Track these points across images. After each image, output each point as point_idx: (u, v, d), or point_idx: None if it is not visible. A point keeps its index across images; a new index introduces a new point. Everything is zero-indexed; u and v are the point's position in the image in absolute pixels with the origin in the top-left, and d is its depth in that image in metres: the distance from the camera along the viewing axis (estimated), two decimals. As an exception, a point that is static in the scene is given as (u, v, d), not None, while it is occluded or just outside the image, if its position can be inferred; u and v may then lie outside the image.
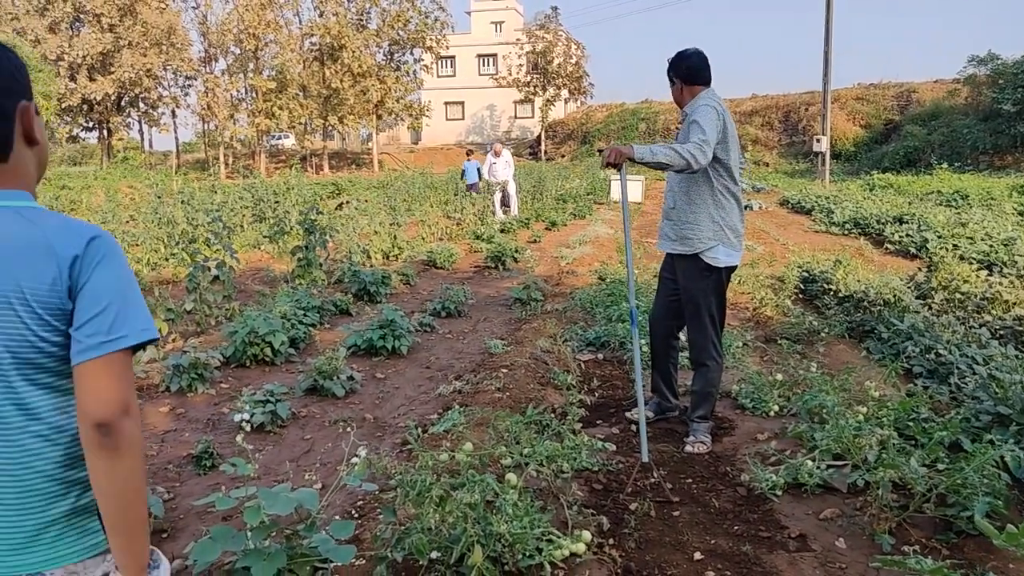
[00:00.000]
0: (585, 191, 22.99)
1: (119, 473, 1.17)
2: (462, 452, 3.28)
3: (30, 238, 1.18)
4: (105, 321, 1.18)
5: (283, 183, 17.21)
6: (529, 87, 45.27)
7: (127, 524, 1.20)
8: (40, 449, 1.19)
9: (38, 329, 1.17)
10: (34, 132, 1.29)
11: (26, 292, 1.16)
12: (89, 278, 1.19)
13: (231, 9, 43.01)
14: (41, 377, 1.20)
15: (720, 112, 3.72)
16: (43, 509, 1.19)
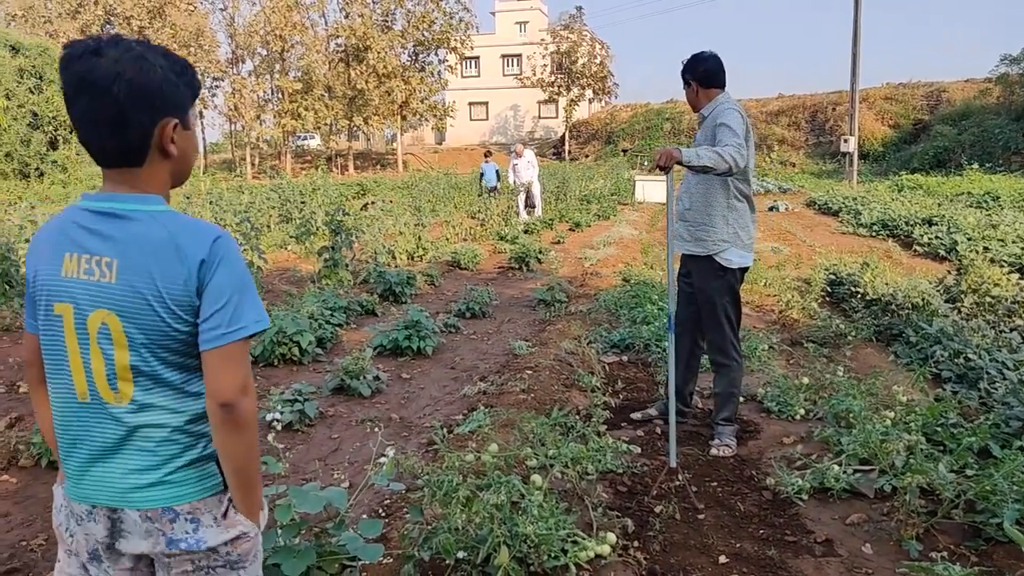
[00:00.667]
0: (609, 192, 22.94)
1: (239, 443, 1.41)
2: (488, 453, 3.31)
3: (163, 241, 1.36)
4: (226, 315, 1.37)
5: (309, 184, 17.36)
6: (553, 87, 45.22)
7: (244, 480, 1.46)
8: (175, 408, 1.43)
9: (171, 321, 1.37)
10: (167, 147, 1.42)
11: (161, 290, 1.35)
12: (212, 277, 1.37)
13: (258, 11, 43.51)
14: (172, 357, 1.40)
15: (744, 118, 3.75)
16: (172, 456, 1.43)
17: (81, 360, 1.40)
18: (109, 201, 1.40)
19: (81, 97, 1.36)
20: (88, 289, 1.37)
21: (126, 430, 1.42)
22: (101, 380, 1.40)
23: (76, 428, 1.44)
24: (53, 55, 28.75)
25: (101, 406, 1.42)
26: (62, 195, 25.52)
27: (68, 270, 1.39)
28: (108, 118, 1.36)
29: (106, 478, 1.43)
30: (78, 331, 1.39)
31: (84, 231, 1.39)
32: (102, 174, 1.46)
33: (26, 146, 27.60)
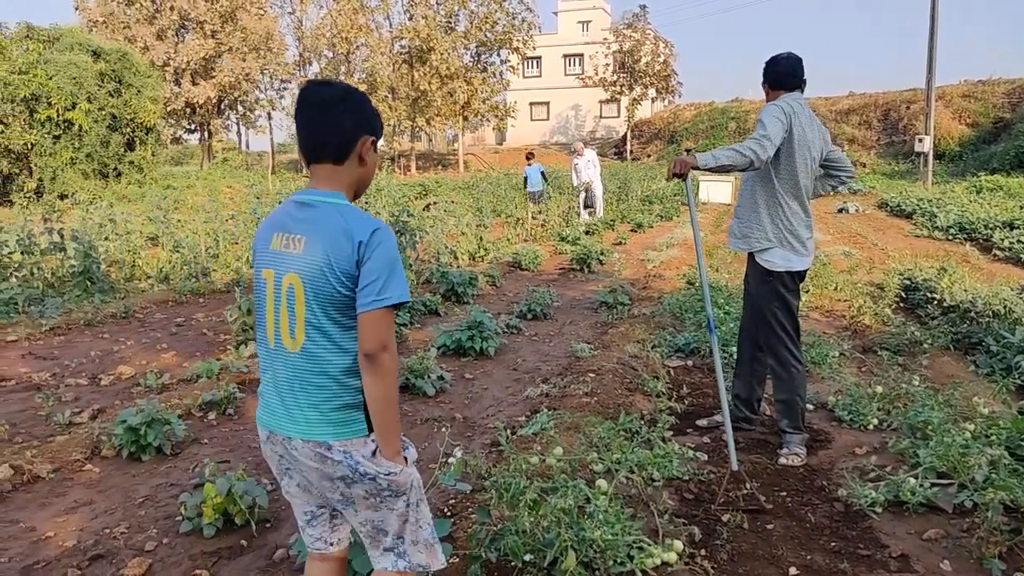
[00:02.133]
0: (672, 192, 22.64)
1: (378, 388, 1.77)
2: (553, 456, 3.32)
3: (337, 225, 1.78)
4: (376, 287, 1.73)
5: (373, 184, 17.63)
6: (615, 86, 44.92)
7: (385, 421, 1.80)
8: (332, 359, 1.80)
9: (337, 285, 1.76)
10: (364, 155, 1.90)
11: (332, 261, 1.75)
12: (369, 257, 1.75)
13: (324, 14, 44.50)
14: (335, 315, 1.78)
15: (787, 114, 3.65)
16: (327, 399, 1.80)
17: (274, 314, 1.84)
18: (308, 194, 1.87)
19: (313, 110, 1.85)
20: (284, 259, 1.82)
21: (296, 373, 1.82)
22: (284, 330, 1.82)
23: (269, 370, 1.89)
24: (131, 59, 29.98)
25: (282, 351, 1.84)
26: (138, 194, 26.56)
27: (275, 244, 1.86)
28: (329, 125, 1.85)
29: (279, 412, 1.85)
30: (275, 291, 1.83)
31: (289, 216, 1.86)
32: (309, 171, 1.92)
33: (105, 147, 28.83)
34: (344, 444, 1.80)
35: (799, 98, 3.82)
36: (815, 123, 3.83)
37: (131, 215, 13.97)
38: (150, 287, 9.67)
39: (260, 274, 1.88)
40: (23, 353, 6.36)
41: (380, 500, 1.84)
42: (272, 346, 1.86)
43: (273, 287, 1.83)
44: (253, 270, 1.94)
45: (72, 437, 4.21)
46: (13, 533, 3.25)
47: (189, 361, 6.07)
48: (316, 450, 1.80)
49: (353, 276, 1.75)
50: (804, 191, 3.80)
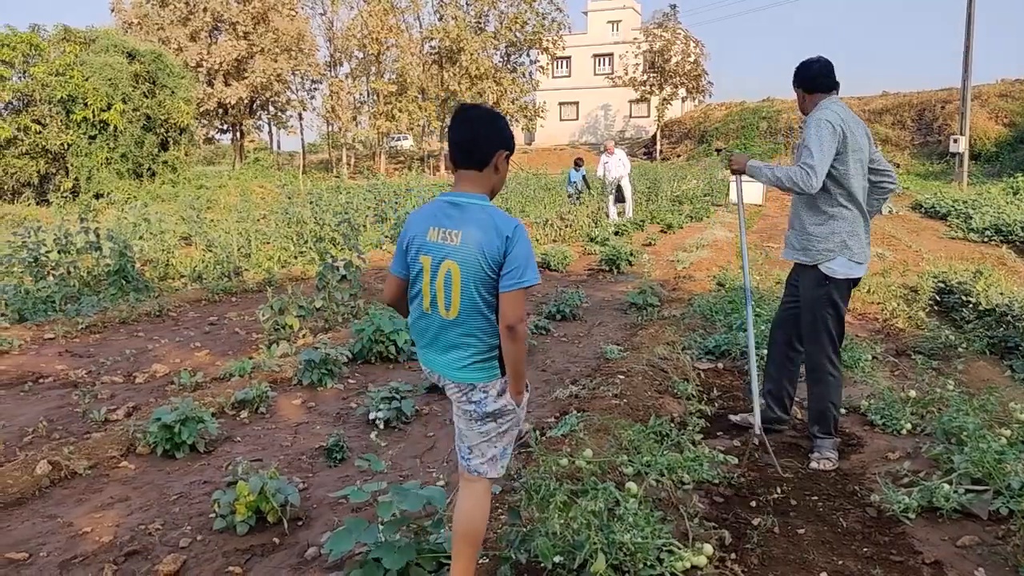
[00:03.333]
0: (702, 192, 22.46)
1: (515, 350, 2.29)
2: (582, 459, 3.32)
3: (488, 222, 2.26)
4: (517, 273, 2.21)
5: (403, 184, 17.74)
6: (645, 86, 44.69)
7: (515, 373, 2.35)
8: (478, 325, 2.30)
9: (487, 270, 2.24)
10: (499, 167, 2.38)
11: (485, 252, 2.22)
12: (513, 248, 2.22)
13: (355, 15, 44.85)
14: (484, 293, 2.27)
15: (836, 125, 3.61)
16: (473, 353, 2.33)
17: (430, 288, 2.33)
18: (457, 196, 2.33)
19: (464, 126, 2.36)
20: (442, 248, 2.29)
21: (450, 334, 2.34)
22: (441, 302, 2.32)
23: (422, 327, 2.42)
24: (165, 60, 30.48)
25: (437, 317, 2.34)
26: (171, 194, 27.01)
27: (431, 237, 2.31)
28: (475, 137, 2.34)
29: (436, 359, 2.40)
30: (432, 273, 2.31)
31: (443, 214, 2.32)
32: (456, 175, 2.39)
33: (140, 147, 29.36)
34: (482, 386, 2.36)
35: (837, 100, 3.79)
36: (860, 123, 3.79)
37: (165, 215, 14.22)
38: (183, 286, 9.83)
39: (418, 259, 2.36)
40: (60, 351, 6.50)
41: (487, 423, 2.40)
42: (428, 312, 2.36)
43: (430, 269, 2.32)
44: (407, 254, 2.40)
45: (108, 434, 4.30)
46: (52, 528, 3.32)
47: (222, 360, 6.17)
48: (461, 388, 2.38)
49: (500, 263, 2.23)
50: (860, 193, 3.75)
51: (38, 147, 27.71)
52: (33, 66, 27.61)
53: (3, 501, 3.53)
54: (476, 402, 2.36)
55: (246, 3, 40.84)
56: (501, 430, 2.42)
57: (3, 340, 6.42)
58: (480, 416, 2.38)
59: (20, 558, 3.06)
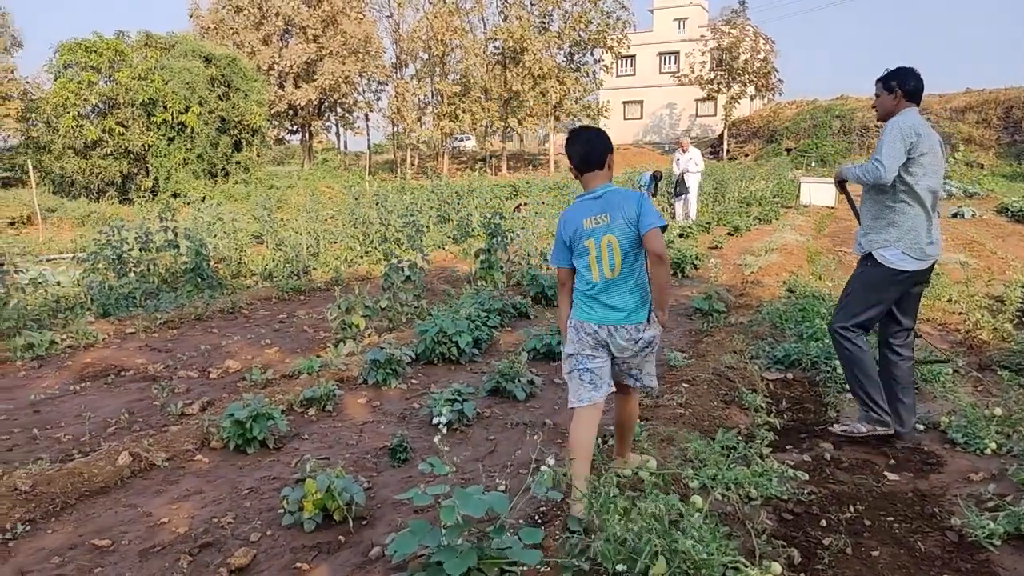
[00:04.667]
0: (771, 193, 21.89)
1: (663, 273, 3.18)
2: (646, 469, 3.27)
3: (621, 198, 3.18)
4: (649, 219, 3.12)
5: (466, 185, 17.86)
6: (712, 84, 43.89)
7: (664, 294, 3.22)
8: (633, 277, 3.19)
9: (631, 231, 3.14)
10: (611, 165, 3.30)
11: (627, 218, 3.13)
12: (642, 207, 3.15)
13: (421, 17, 45.39)
14: (633, 248, 3.17)
15: (910, 131, 3.87)
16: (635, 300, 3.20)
17: (597, 260, 3.18)
18: (594, 192, 3.24)
19: (582, 142, 3.30)
20: (599, 229, 3.17)
21: (616, 289, 3.18)
22: (606, 267, 3.17)
23: (593, 294, 3.21)
24: (239, 64, 31.45)
25: (603, 280, 3.19)
26: (243, 194, 27.87)
27: (587, 225, 3.19)
28: (593, 148, 3.27)
29: (609, 314, 3.19)
30: (597, 249, 3.17)
31: (588, 208, 3.22)
32: (583, 178, 3.29)
33: (214, 148, 30.38)
34: (644, 324, 3.21)
35: (917, 111, 4.04)
36: (934, 134, 4.01)
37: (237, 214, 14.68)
38: (255, 284, 10.12)
39: (583, 244, 3.19)
40: (140, 345, 6.78)
41: (646, 350, 3.28)
42: (597, 280, 3.19)
43: (595, 247, 3.17)
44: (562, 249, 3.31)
45: (184, 428, 4.46)
46: (132, 517, 3.46)
47: (291, 357, 6.32)
48: (629, 330, 3.19)
49: (637, 219, 3.12)
50: (927, 196, 3.94)
51: (121, 148, 28.95)
52: (118, 71, 28.85)
53: (89, 490, 3.70)
54: (647, 337, 3.22)
55: (316, 7, 41.80)
56: (654, 351, 3.33)
57: (89, 334, 6.73)
58: (646, 344, 3.24)
59: (104, 545, 3.20)
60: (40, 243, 17.01)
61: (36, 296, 8.12)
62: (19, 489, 3.55)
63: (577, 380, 3.26)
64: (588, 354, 3.23)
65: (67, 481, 3.70)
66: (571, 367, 3.30)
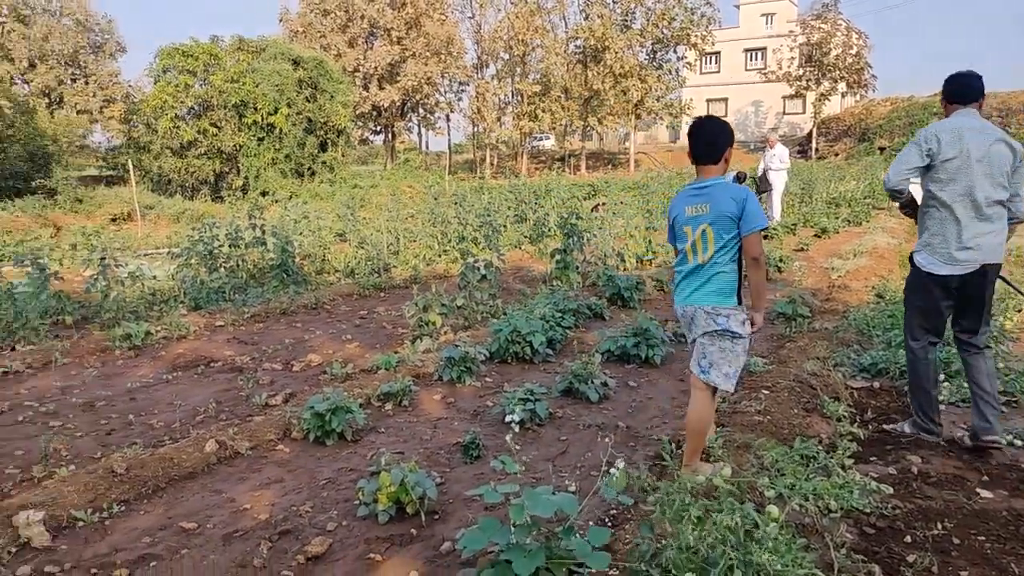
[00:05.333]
0: (862, 194, 21.00)
1: (759, 276, 3.32)
2: (720, 477, 3.20)
3: (728, 194, 3.31)
4: (751, 220, 3.24)
5: (543, 185, 17.86)
6: (801, 81, 42.51)
7: (760, 292, 3.36)
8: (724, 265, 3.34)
9: (731, 224, 3.30)
10: (728, 159, 3.43)
11: (725, 212, 3.26)
12: (745, 206, 3.25)
13: (502, 17, 45.68)
14: (729, 239, 3.31)
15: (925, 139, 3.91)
16: (721, 284, 3.35)
17: (692, 247, 3.38)
18: (701, 183, 3.40)
19: (701, 130, 3.43)
20: (698, 218, 3.35)
21: (707, 274, 3.36)
22: (700, 252, 3.36)
23: (689, 275, 3.44)
24: (326, 66, 32.41)
25: (696, 263, 3.38)
26: (328, 193, 28.71)
27: (689, 212, 3.39)
28: (714, 141, 3.40)
29: (693, 294, 3.40)
30: (693, 235, 3.36)
31: (692, 196, 3.41)
32: (698, 169, 3.44)
33: (301, 149, 31.41)
34: (725, 310, 3.33)
35: (967, 113, 3.99)
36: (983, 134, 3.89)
37: (322, 212, 15.14)
38: (337, 280, 10.42)
39: (682, 230, 3.43)
40: (228, 338, 7.08)
41: (720, 340, 3.35)
42: (691, 264, 3.41)
43: (691, 233, 3.37)
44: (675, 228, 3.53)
45: (267, 418, 4.63)
46: (217, 502, 3.62)
47: (370, 352, 6.48)
48: (708, 312, 3.35)
49: (738, 217, 3.25)
50: (958, 201, 3.89)
51: (214, 148, 30.30)
52: (212, 74, 30.20)
53: (178, 474, 3.90)
54: (719, 323, 3.32)
55: (400, 9, 42.66)
56: (735, 350, 3.34)
57: (182, 326, 7.07)
58: (722, 333, 3.32)
59: (190, 528, 3.37)
60: (138, 239, 17.97)
61: (134, 289, 8.59)
62: (115, 471, 3.77)
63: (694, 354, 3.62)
64: (687, 336, 3.58)
65: (159, 465, 3.91)
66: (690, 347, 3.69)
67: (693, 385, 3.46)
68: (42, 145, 28.16)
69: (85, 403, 5.24)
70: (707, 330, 3.35)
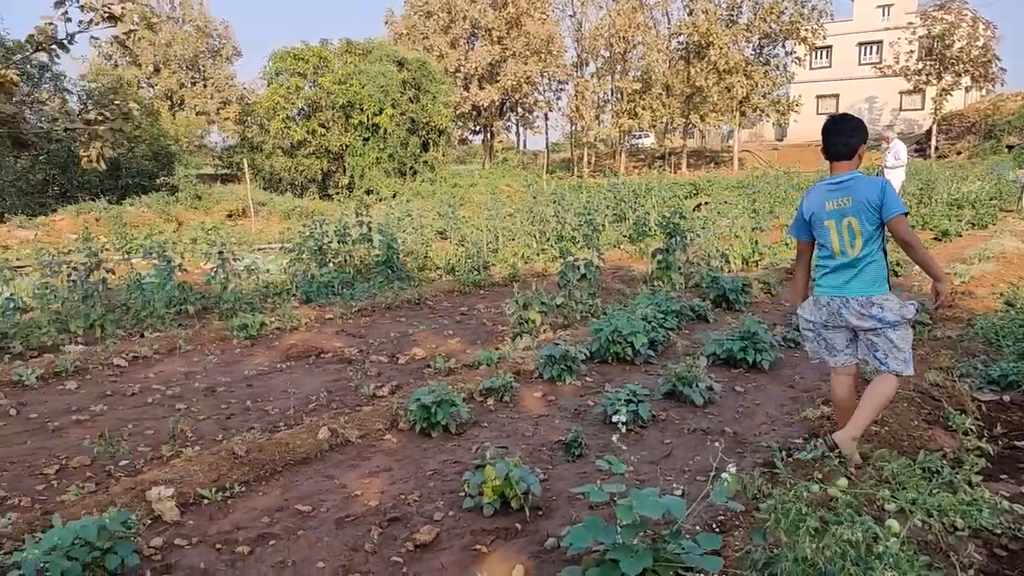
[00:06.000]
0: (987, 195, 19.65)
1: (917, 253, 3.52)
2: (835, 487, 3.08)
3: (868, 185, 3.50)
4: (891, 207, 3.43)
5: (643, 183, 17.63)
6: (920, 75, 40.16)
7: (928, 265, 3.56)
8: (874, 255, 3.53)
9: (872, 214, 3.47)
10: (862, 156, 3.63)
11: (869, 202, 3.46)
12: (885, 195, 3.46)
13: (604, 15, 45.36)
14: (873, 230, 3.50)
15: None
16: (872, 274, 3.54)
17: (838, 240, 3.55)
18: (838, 177, 3.60)
19: (836, 128, 3.62)
20: (841, 211, 3.53)
21: (857, 265, 3.52)
22: (847, 245, 3.53)
23: (837, 268, 3.58)
24: (429, 67, 33.12)
25: (845, 257, 3.54)
26: (429, 192, 29.33)
27: (828, 207, 3.57)
28: (848, 139, 3.59)
29: (845, 286, 3.56)
30: (838, 229, 3.54)
31: (830, 191, 3.59)
32: (832, 165, 3.64)
33: (404, 148, 32.23)
34: (879, 299, 3.48)
35: None
36: None
37: (424, 211, 15.48)
38: (438, 277, 10.64)
39: (824, 224, 3.58)
40: (337, 330, 7.35)
41: (887, 331, 3.49)
42: (838, 256, 3.56)
43: (835, 227, 3.54)
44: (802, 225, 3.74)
45: (375, 408, 4.78)
46: (330, 488, 3.78)
47: (471, 348, 6.58)
48: (862, 303, 3.50)
49: (879, 207, 3.42)
50: None
51: (322, 148, 31.52)
52: (321, 76, 31.41)
53: (293, 459, 4.08)
54: (875, 314, 3.46)
55: (502, 9, 43.06)
56: (900, 335, 3.49)
57: (294, 317, 7.40)
58: (883, 324, 3.46)
59: (305, 510, 3.52)
60: (252, 234, 18.91)
61: (249, 282, 9.06)
62: (236, 454, 3.99)
63: (815, 343, 3.81)
64: (822, 323, 3.69)
65: (275, 450, 4.11)
66: (809, 333, 3.83)
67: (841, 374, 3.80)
68: (165, 145, 30.10)
69: (207, 388, 5.56)
70: (864, 327, 3.53)
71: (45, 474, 4.04)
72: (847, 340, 3.69)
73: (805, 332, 3.86)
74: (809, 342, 3.86)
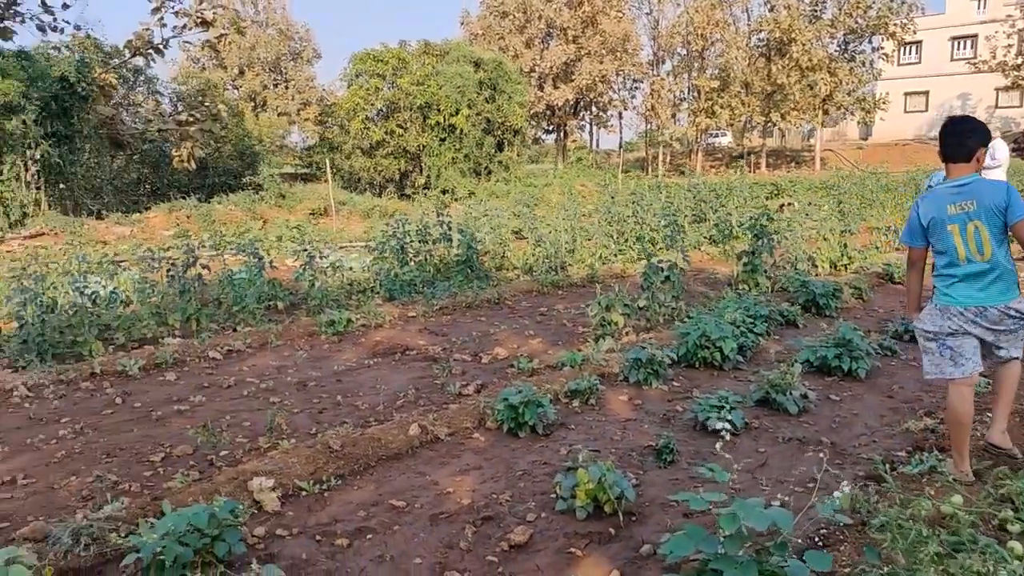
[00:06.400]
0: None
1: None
2: (950, 504, 2.94)
3: (991, 188, 3.41)
4: (1018, 210, 3.33)
5: (723, 183, 17.26)
6: (1019, 71, 38.04)
7: None
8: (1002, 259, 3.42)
9: (999, 218, 3.37)
10: (980, 159, 3.47)
11: (994, 205, 3.36)
12: (1010, 198, 3.36)
13: (681, 12, 44.62)
14: (999, 234, 3.40)
15: None
16: (1011, 280, 3.43)
17: (963, 245, 3.43)
18: (957, 181, 3.47)
19: (954, 130, 3.53)
20: (966, 215, 3.41)
21: (988, 272, 3.41)
22: (974, 251, 3.41)
23: (965, 275, 3.46)
24: (505, 68, 33.24)
25: (973, 264, 3.43)
26: (504, 191, 29.44)
27: (951, 212, 3.45)
28: (965, 141, 3.47)
29: (979, 295, 3.44)
30: (962, 234, 3.43)
31: (952, 195, 3.46)
32: (948, 168, 3.53)
33: (480, 148, 32.44)
34: (1016, 302, 3.43)
35: None
36: None
37: (500, 210, 15.55)
38: (516, 277, 10.67)
39: (947, 229, 3.46)
40: (420, 328, 7.46)
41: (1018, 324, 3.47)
42: (963, 264, 3.45)
43: (959, 232, 3.43)
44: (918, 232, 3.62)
45: (462, 407, 4.82)
46: (422, 484, 3.82)
47: (552, 348, 6.57)
48: (1002, 309, 3.42)
49: (1004, 209, 3.34)
50: None
51: (400, 148, 32.03)
52: (399, 77, 31.93)
53: (385, 454, 4.16)
54: (1013, 315, 3.43)
55: (577, 8, 42.86)
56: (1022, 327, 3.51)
57: (378, 315, 7.54)
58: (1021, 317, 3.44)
59: (400, 506, 3.58)
60: (334, 232, 19.38)
61: (335, 279, 9.28)
62: (331, 447, 4.08)
63: (938, 356, 3.59)
64: (949, 332, 3.53)
65: (368, 445, 4.19)
66: (931, 344, 3.62)
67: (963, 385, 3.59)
68: (250, 145, 31.14)
69: (298, 382, 5.73)
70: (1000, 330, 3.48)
71: (152, 461, 4.23)
72: (975, 346, 3.53)
73: (927, 344, 3.63)
74: (929, 355, 3.62)
